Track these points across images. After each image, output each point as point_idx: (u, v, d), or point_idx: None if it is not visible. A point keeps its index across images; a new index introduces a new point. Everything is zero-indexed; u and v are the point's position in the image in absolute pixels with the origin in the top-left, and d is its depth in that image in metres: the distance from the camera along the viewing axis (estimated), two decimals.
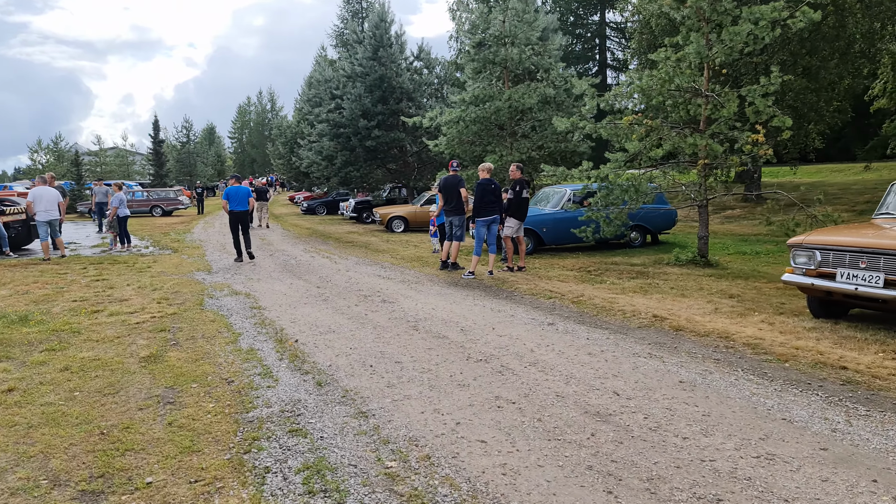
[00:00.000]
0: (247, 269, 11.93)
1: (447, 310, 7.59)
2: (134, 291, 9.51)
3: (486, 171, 10.14)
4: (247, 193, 13.42)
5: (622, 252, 13.02)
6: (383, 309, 7.79)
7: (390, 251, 14.70)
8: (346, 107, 21.12)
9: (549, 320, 6.82)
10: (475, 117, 15.44)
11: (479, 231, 10.14)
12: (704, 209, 10.49)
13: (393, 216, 20.04)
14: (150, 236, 19.64)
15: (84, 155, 54.24)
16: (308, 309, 7.95)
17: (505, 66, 16.21)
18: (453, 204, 10.78)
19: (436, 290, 9.20)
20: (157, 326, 7.05)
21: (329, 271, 11.50)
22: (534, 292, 8.61)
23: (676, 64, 9.64)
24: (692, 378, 4.66)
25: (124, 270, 11.87)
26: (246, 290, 9.57)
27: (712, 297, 7.75)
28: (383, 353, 5.70)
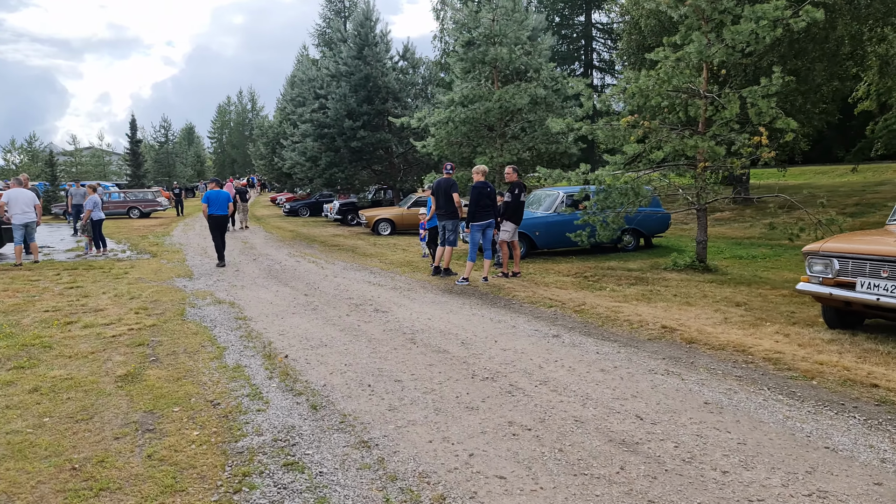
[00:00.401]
0: (230, 276, 11.45)
1: (444, 320, 7.22)
2: (110, 300, 9.01)
3: (480, 174, 9.79)
4: (227, 198, 13.17)
5: (616, 256, 12.75)
6: (377, 319, 7.40)
7: (378, 255, 14.30)
8: (331, 106, 20.65)
9: (554, 332, 6.48)
10: (464, 118, 15.09)
11: (474, 236, 9.79)
12: (703, 213, 10.24)
13: (379, 219, 19.63)
14: (127, 239, 19.02)
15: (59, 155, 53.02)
16: (297, 319, 7.53)
17: (494, 65, 15.87)
18: (446, 207, 10.42)
19: (430, 297, 8.82)
20: (135, 340, 6.60)
21: (316, 277, 11.07)
22: (533, 300, 8.28)
23: (676, 63, 9.37)
24: (717, 398, 4.34)
25: (100, 277, 11.33)
26: (230, 298, 9.11)
27: (719, 306, 7.47)
28: (381, 370, 5.31)
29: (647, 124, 9.93)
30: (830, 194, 21.53)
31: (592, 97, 10.38)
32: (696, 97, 10.02)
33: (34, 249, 13.39)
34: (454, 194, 10.37)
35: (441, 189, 10.52)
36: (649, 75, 9.78)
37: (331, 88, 21.53)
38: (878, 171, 27.24)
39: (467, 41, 15.77)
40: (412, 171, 23.93)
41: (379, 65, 21.90)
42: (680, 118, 10.57)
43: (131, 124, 45.67)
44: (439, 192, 10.55)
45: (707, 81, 9.95)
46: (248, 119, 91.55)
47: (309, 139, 22.39)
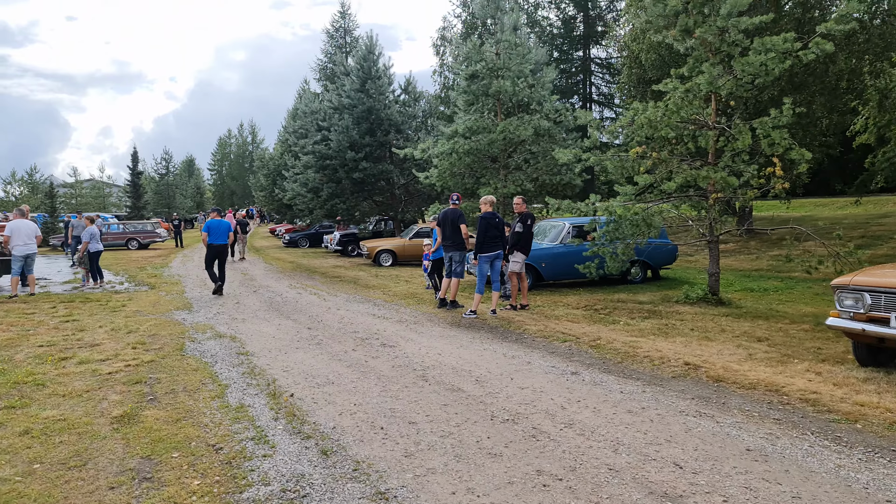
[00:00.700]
0: (230, 308, 11.16)
1: (455, 355, 6.93)
2: (107, 334, 8.70)
3: (488, 205, 9.60)
4: (227, 228, 13.19)
5: (624, 288, 12.50)
6: (384, 354, 7.10)
7: (381, 287, 14.03)
8: (334, 138, 20.60)
9: (572, 368, 6.19)
10: (468, 149, 14.99)
11: (482, 267, 9.55)
12: (715, 245, 10.03)
13: (381, 250, 19.41)
14: (125, 271, 18.73)
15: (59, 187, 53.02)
16: (301, 355, 7.23)
17: (498, 98, 15.84)
18: (453, 238, 10.20)
19: (438, 331, 8.54)
20: (132, 377, 6.29)
21: (319, 310, 10.79)
22: (545, 334, 8.00)
23: (685, 94, 9.26)
24: (759, 444, 4.05)
25: (97, 310, 11.03)
26: (231, 332, 8.81)
27: (740, 341, 7.20)
28: (393, 410, 5.01)
29: (656, 155, 9.78)
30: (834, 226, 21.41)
31: (601, 128, 10.23)
32: (704, 128, 9.90)
33: (31, 282, 13.10)
34: (461, 225, 10.17)
35: (448, 220, 10.31)
36: (657, 106, 9.66)
37: (333, 120, 21.52)
38: (879, 203, 27.21)
39: (471, 74, 15.76)
40: (413, 202, 23.80)
41: (381, 97, 21.94)
42: (689, 149, 10.43)
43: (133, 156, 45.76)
44: (446, 223, 10.35)
45: (715, 113, 9.84)
46: (248, 151, 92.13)
47: (311, 170, 22.30)
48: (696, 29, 9.10)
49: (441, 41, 48.49)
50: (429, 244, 12.92)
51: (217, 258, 12.91)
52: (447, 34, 48.28)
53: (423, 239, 19.46)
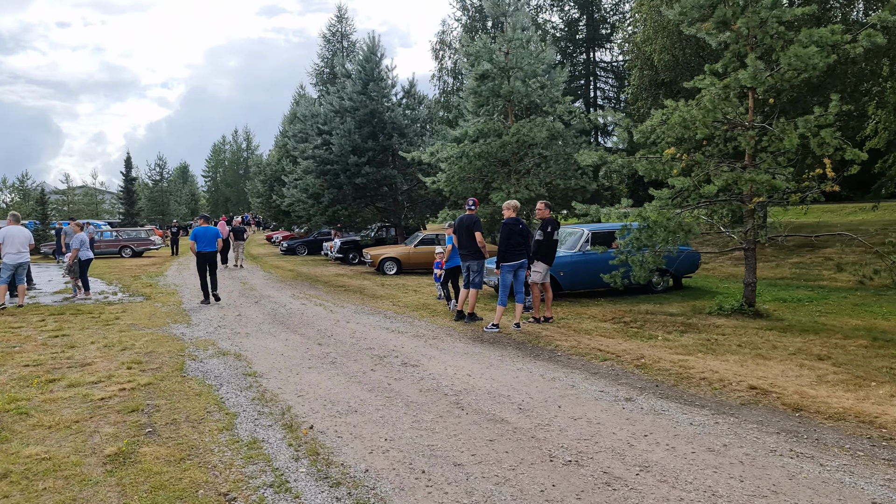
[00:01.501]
0: (232, 321, 10.45)
1: (487, 377, 6.24)
2: (99, 352, 7.98)
3: (512, 210, 8.93)
4: (215, 234, 12.83)
5: (647, 298, 11.84)
6: (408, 376, 6.41)
7: (389, 297, 13.34)
8: (335, 142, 19.91)
9: (624, 393, 5.52)
10: (479, 152, 14.34)
11: (505, 278, 8.87)
12: (752, 253, 9.39)
13: (385, 257, 18.72)
14: (118, 280, 17.98)
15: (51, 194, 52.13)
16: (315, 376, 6.54)
17: (509, 99, 15.22)
18: (470, 247, 9.54)
19: (461, 347, 7.85)
20: (128, 404, 5.58)
21: (327, 323, 10.09)
22: (580, 351, 7.32)
23: (723, 91, 8.63)
24: (885, 496, 3.38)
25: (89, 323, 10.30)
26: (235, 348, 8.11)
27: (799, 360, 6.54)
28: (432, 448, 4.32)
29: (689, 157, 9.15)
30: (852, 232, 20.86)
31: (630, 128, 9.59)
32: (738, 128, 9.28)
33: (21, 292, 12.37)
34: (477, 232, 9.50)
35: (463, 226, 9.65)
36: (690, 105, 9.04)
37: (334, 124, 20.86)
38: (891, 208, 26.69)
39: (481, 74, 15.14)
40: (416, 208, 23.13)
41: (384, 100, 21.30)
42: (720, 150, 9.82)
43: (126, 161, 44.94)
44: (461, 230, 9.69)
45: (752, 111, 9.22)
46: (242, 158, 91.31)
47: (311, 176, 21.61)
48: (738, 20, 8.48)
49: (440, 45, 47.98)
50: (441, 252, 12.27)
51: (207, 265, 12.63)
52: (446, 38, 47.83)
53: (431, 247, 18.82)
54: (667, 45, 18.53)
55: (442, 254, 12.27)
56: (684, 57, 18.80)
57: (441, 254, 12.27)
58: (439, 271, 12.20)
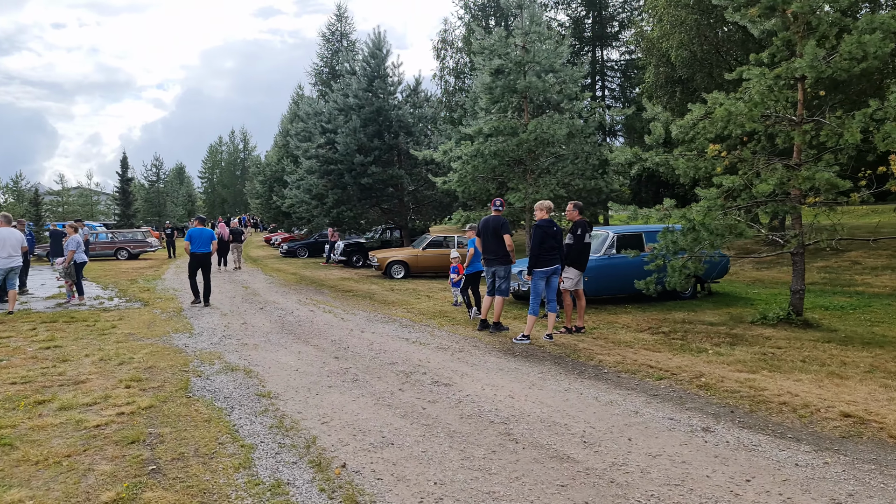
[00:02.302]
0: (237, 330, 9.73)
1: (534, 400, 5.54)
2: (94, 366, 7.26)
3: (545, 211, 8.23)
4: (210, 236, 12.66)
5: (677, 305, 11.17)
6: (442, 397, 5.71)
7: (402, 303, 12.62)
8: (340, 141, 19.17)
9: (698, 422, 4.82)
10: (495, 150, 13.65)
11: (537, 285, 8.16)
12: (801, 258, 8.71)
13: (393, 261, 18.00)
14: (114, 284, 17.22)
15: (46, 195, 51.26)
16: (338, 397, 5.82)
17: (525, 95, 14.54)
18: (497, 251, 8.85)
19: (493, 362, 7.15)
20: (127, 433, 4.86)
21: (340, 332, 9.37)
22: (628, 368, 6.63)
23: (775, 81, 7.95)
24: None
25: (83, 332, 9.57)
26: (244, 363, 7.38)
27: (880, 379, 5.85)
28: (494, 496, 3.61)
29: (730, 154, 8.48)
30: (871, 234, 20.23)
31: (672, 122, 8.89)
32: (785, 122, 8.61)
33: (12, 298, 11.63)
34: (505, 235, 8.81)
35: (489, 229, 8.96)
36: (733, 97, 8.36)
37: (338, 122, 20.14)
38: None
39: (496, 69, 14.44)
40: (423, 209, 22.43)
41: (391, 98, 20.60)
42: (764, 147, 9.15)
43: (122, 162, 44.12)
44: (487, 233, 8.99)
45: (802, 104, 8.55)
46: (239, 159, 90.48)
47: (314, 176, 20.87)
48: (792, 5, 7.79)
49: (442, 44, 47.26)
50: (457, 257, 11.59)
51: (200, 267, 12.47)
52: (448, 37, 47.10)
53: (441, 250, 18.12)
54: (685, 41, 17.88)
55: (459, 258, 11.59)
56: (702, 53, 18.16)
57: (458, 258, 11.59)
58: (456, 276, 11.50)
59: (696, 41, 17.75)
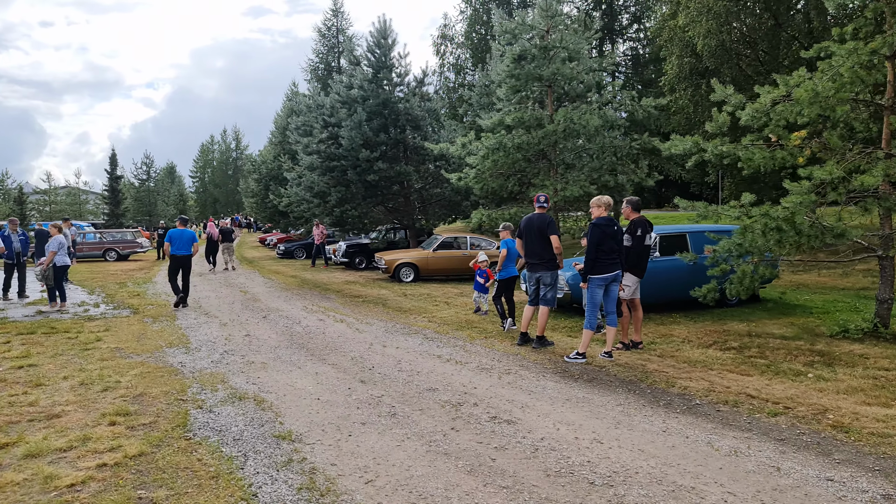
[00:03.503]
0: (240, 343, 8.51)
1: (629, 446, 4.36)
2: (73, 393, 6.04)
3: (603, 208, 7.06)
4: (191, 238, 12.30)
5: (727, 314, 10.05)
6: (511, 441, 4.53)
7: (420, 311, 11.44)
8: (345, 135, 17.92)
9: (876, 487, 3.65)
10: (519, 143, 12.48)
11: (595, 294, 6.99)
12: (889, 262, 7.59)
13: (402, 263, 16.78)
14: (101, 288, 15.94)
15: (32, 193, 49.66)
16: (376, 439, 4.64)
17: (550, 84, 13.39)
18: (543, 254, 7.69)
19: (553, 388, 5.97)
20: (110, 498, 3.66)
21: (359, 347, 8.18)
22: (723, 398, 5.46)
23: (870, 57, 6.82)
24: None
25: (64, 346, 8.34)
26: (253, 387, 6.18)
27: None
28: None
29: (817, 141, 7.35)
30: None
31: (745, 106, 7.75)
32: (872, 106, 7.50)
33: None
34: (552, 236, 7.65)
35: (534, 228, 7.80)
36: (822, 75, 7.23)
37: (341, 115, 18.90)
38: None
39: (518, 55, 13.28)
40: (430, 209, 21.23)
41: (398, 89, 19.39)
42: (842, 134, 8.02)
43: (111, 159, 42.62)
44: (531, 233, 7.83)
45: (892, 85, 7.42)
46: (231, 158, 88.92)
47: (315, 173, 19.63)
48: None
49: (441, 39, 46.13)
50: (485, 260, 10.41)
51: (180, 269, 12.13)
52: (448, 32, 45.96)
53: (452, 251, 16.94)
54: (713, 29, 16.78)
55: (487, 261, 10.42)
56: (731, 42, 17.07)
57: (486, 261, 10.40)
58: (485, 281, 10.31)
59: (724, 30, 16.66)
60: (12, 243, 13.41)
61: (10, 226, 13.74)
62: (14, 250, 13.32)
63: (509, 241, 9.50)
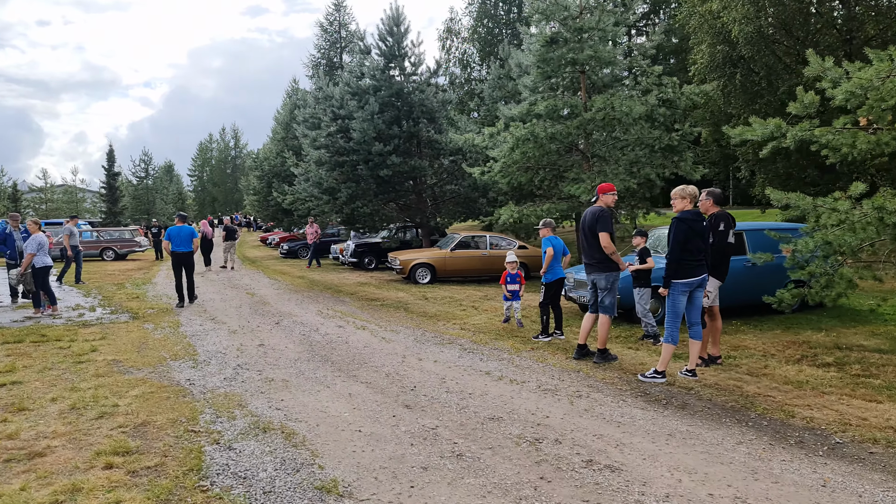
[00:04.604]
0: (254, 354, 7.48)
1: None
2: (62, 421, 5.01)
3: (688, 199, 6.01)
4: (190, 234, 12.00)
5: (792, 321, 9.04)
6: (630, 501, 3.50)
7: (447, 317, 10.41)
8: (357, 127, 16.84)
9: None
10: (552, 133, 11.44)
11: (678, 301, 5.94)
12: None
13: (418, 263, 15.72)
14: (98, 289, 14.87)
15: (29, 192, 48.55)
16: (448, 495, 3.60)
17: (583, 69, 12.35)
18: (592, 253, 6.68)
19: (641, 416, 4.94)
20: None
21: (391, 360, 7.14)
22: (867, 435, 4.43)
23: None
24: None
25: (54, 359, 7.30)
26: (278, 413, 5.14)
27: None
28: None
29: None
30: None
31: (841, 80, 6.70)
32: None
33: None
34: (601, 233, 6.61)
35: (585, 224, 6.78)
36: None
37: (351, 107, 17.85)
38: None
39: (550, 38, 12.23)
40: (441, 206, 20.17)
41: (413, 78, 18.33)
42: None
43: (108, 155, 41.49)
44: (583, 229, 6.81)
45: None
46: (230, 157, 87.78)
47: (323, 168, 18.56)
48: None
49: (447, 34, 45.06)
50: (514, 261, 9.33)
51: (182, 266, 11.91)
52: (454, 26, 44.89)
53: (472, 251, 15.90)
54: (749, 14, 15.75)
55: (516, 262, 9.35)
56: (769, 28, 16.04)
57: (515, 263, 9.33)
58: (517, 287, 9.20)
59: (762, 14, 15.63)
60: (14, 241, 12.29)
61: (12, 222, 12.61)
62: (17, 249, 12.19)
63: (553, 238, 8.47)
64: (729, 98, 17.56)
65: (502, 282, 9.16)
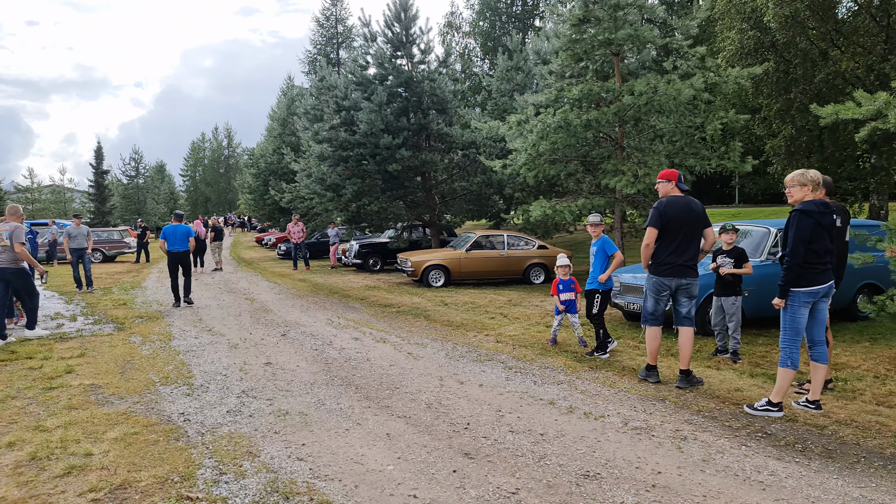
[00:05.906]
0: (261, 378, 6.23)
1: None
2: (15, 480, 3.80)
3: (810, 186, 4.79)
4: (186, 232, 11.72)
5: (868, 330, 7.90)
6: None
7: (476, 326, 9.21)
8: (364, 119, 15.56)
9: None
10: (588, 120, 10.24)
11: (798, 314, 4.73)
12: None
13: (431, 265, 14.49)
14: (82, 295, 13.58)
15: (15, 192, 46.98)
16: None
17: (617, 51, 11.17)
18: (695, 254, 5.49)
19: (785, 472, 3.74)
20: None
21: (427, 384, 5.92)
22: None
23: None
24: None
25: (20, 383, 6.06)
26: (302, 467, 3.91)
27: None
28: None
29: None
30: None
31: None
32: None
33: None
34: (707, 229, 5.43)
35: (692, 217, 5.60)
36: None
37: (356, 97, 16.60)
38: None
39: (582, 17, 11.03)
40: (450, 203, 18.95)
41: (423, 67, 17.09)
42: None
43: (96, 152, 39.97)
44: (676, 224, 5.60)
45: None
46: (223, 156, 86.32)
47: (326, 163, 17.30)
48: None
49: (448, 28, 43.88)
50: (566, 265, 8.02)
51: (179, 266, 11.65)
52: (455, 20, 43.71)
53: (488, 251, 14.69)
54: None
55: (568, 267, 8.06)
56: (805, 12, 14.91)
57: (567, 267, 8.03)
58: (571, 295, 7.86)
59: None
60: None
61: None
62: None
63: (607, 238, 7.28)
64: (760, 87, 16.42)
65: (553, 292, 7.83)
